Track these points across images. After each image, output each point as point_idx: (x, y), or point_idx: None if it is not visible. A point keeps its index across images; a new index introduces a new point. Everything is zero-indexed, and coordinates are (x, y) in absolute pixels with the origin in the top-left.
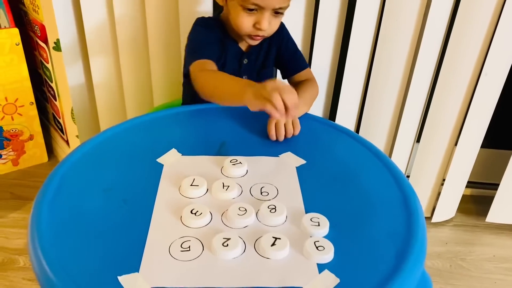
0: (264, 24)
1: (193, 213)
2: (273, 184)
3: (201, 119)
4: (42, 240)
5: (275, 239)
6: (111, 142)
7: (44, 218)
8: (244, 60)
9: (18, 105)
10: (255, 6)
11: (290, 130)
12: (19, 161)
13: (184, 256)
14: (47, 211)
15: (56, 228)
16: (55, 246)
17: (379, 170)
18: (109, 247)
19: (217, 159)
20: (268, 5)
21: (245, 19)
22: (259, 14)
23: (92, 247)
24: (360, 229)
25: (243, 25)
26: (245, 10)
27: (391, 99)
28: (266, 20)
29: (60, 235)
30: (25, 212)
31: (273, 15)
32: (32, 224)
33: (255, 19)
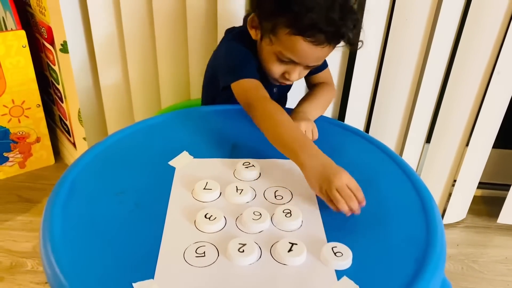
0: (293, 77)
1: (207, 218)
2: (287, 187)
3: (212, 121)
4: (55, 245)
5: (291, 245)
6: (121, 145)
7: (56, 222)
8: (274, 89)
9: (25, 107)
10: (290, 60)
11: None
12: (26, 163)
13: (199, 262)
14: (59, 215)
15: (68, 233)
16: (68, 251)
17: (394, 173)
18: (122, 253)
19: (229, 161)
20: (303, 63)
21: (276, 66)
22: (291, 65)
23: (105, 252)
24: (378, 234)
25: (273, 71)
26: (279, 59)
27: (401, 98)
28: (297, 73)
29: (73, 240)
30: (32, 215)
31: (305, 68)
32: (44, 228)
33: (286, 69)
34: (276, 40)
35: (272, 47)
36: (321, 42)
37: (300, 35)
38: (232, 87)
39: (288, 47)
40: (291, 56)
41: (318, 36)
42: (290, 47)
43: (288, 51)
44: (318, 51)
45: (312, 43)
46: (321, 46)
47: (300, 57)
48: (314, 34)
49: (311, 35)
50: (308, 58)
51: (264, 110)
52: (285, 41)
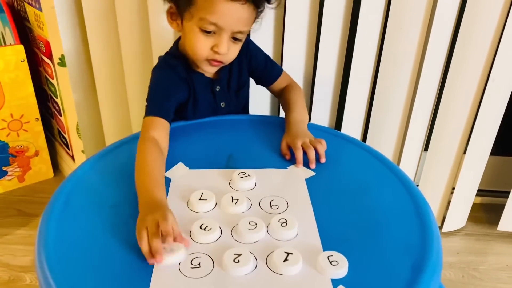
0: (222, 47)
1: (202, 229)
2: (283, 197)
3: (207, 132)
4: (49, 258)
5: (287, 254)
6: (117, 157)
7: (51, 235)
8: (216, 87)
9: (23, 121)
10: (214, 28)
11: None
12: (25, 177)
13: (195, 273)
14: (54, 228)
15: (63, 246)
16: (62, 264)
17: (390, 181)
18: (117, 265)
19: (225, 172)
20: (228, 26)
21: (202, 41)
22: (217, 36)
23: (100, 265)
24: (374, 242)
25: (200, 47)
26: (203, 32)
27: (398, 107)
28: (225, 43)
29: (67, 252)
30: (31, 228)
31: (231, 40)
32: (39, 241)
33: (213, 42)
34: (195, 10)
35: (193, 20)
36: None
37: None
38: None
39: (208, 9)
40: (212, 18)
41: None
42: (209, 8)
43: (208, 13)
44: (237, 8)
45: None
46: (239, 2)
47: (221, 17)
48: None
49: None
50: (229, 18)
51: (139, 149)
52: (203, 5)
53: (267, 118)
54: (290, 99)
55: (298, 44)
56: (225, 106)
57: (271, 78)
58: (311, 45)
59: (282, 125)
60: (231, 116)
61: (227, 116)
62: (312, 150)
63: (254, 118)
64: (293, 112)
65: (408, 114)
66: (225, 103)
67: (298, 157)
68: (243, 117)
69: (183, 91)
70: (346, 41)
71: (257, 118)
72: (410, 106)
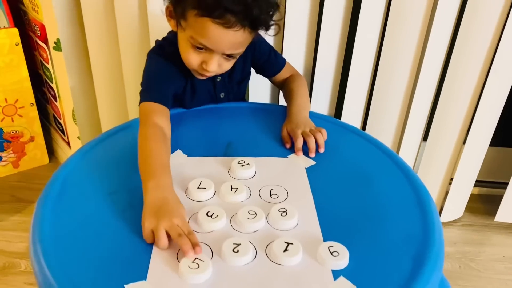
0: (211, 66)
1: (209, 216)
2: (283, 186)
3: (206, 119)
4: (44, 246)
5: (287, 244)
6: (114, 144)
7: (46, 223)
8: (217, 78)
9: (18, 106)
10: (204, 47)
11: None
12: (20, 163)
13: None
14: (49, 215)
15: (58, 234)
16: (58, 252)
17: (391, 170)
18: (114, 254)
19: (224, 160)
20: (219, 49)
21: (192, 55)
22: (207, 54)
23: (96, 254)
24: (375, 232)
25: (190, 60)
26: (193, 46)
27: (398, 96)
28: (215, 62)
29: (63, 240)
30: (26, 215)
31: (224, 58)
32: (34, 229)
33: (203, 58)
34: (186, 25)
35: (184, 33)
36: (232, 23)
37: (208, 16)
38: (139, 107)
39: (198, 31)
40: (202, 41)
41: (228, 17)
42: (200, 30)
43: (198, 36)
44: (230, 35)
45: (222, 25)
46: (233, 30)
47: (212, 42)
48: (223, 15)
49: (220, 16)
50: (221, 43)
51: (142, 135)
52: (194, 25)
53: (267, 106)
54: (292, 88)
55: (298, 32)
56: (224, 97)
57: (275, 69)
58: (311, 34)
59: (283, 113)
60: (230, 104)
61: (226, 104)
62: (312, 139)
63: (254, 105)
64: (295, 100)
65: (408, 103)
66: (224, 94)
67: (297, 145)
68: (242, 105)
69: (180, 81)
70: (347, 30)
71: (257, 106)
72: (411, 96)
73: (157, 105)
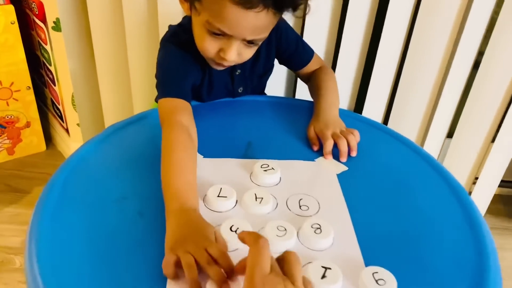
0: (230, 55)
1: (233, 231)
2: (313, 195)
3: (222, 115)
4: (42, 265)
5: (325, 270)
6: (121, 140)
7: (44, 235)
8: (237, 71)
9: (13, 89)
10: (221, 32)
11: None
12: (15, 149)
13: None
14: (47, 227)
15: (58, 249)
16: (56, 272)
17: (433, 180)
18: (123, 273)
19: (244, 163)
20: (239, 35)
21: (208, 43)
22: (225, 40)
23: (102, 272)
24: (422, 255)
25: (206, 49)
26: (210, 32)
27: (425, 91)
28: (234, 50)
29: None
30: (21, 206)
31: (245, 44)
32: (30, 243)
33: (221, 45)
34: (201, 8)
35: (199, 17)
36: (253, 3)
37: None
38: (158, 104)
39: (215, 14)
40: (220, 26)
41: None
42: (217, 13)
43: (215, 19)
44: (252, 18)
45: (242, 5)
46: (255, 10)
47: (230, 26)
48: None
49: None
50: (241, 27)
51: (166, 140)
52: (210, 7)
53: (290, 101)
54: (321, 82)
55: (321, 22)
56: (242, 91)
57: (302, 61)
58: (334, 22)
59: (308, 110)
60: (248, 97)
61: (244, 97)
62: (344, 142)
63: (274, 100)
64: (324, 97)
65: (435, 98)
66: (243, 88)
67: (327, 148)
68: (263, 99)
69: (198, 72)
70: (374, 19)
71: (280, 101)
72: (438, 91)
73: (178, 101)
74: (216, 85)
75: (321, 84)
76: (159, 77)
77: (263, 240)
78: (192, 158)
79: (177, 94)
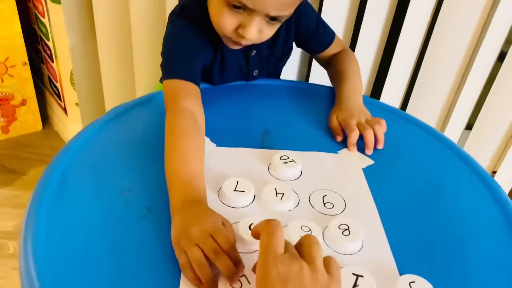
0: (250, 32)
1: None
2: (338, 192)
3: (237, 99)
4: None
5: (356, 277)
6: (125, 125)
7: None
8: (252, 52)
9: (8, 65)
10: (242, 5)
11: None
12: (10, 128)
13: None
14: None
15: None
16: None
17: (466, 177)
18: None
19: (261, 153)
20: (262, 10)
21: (225, 17)
22: (246, 15)
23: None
24: (460, 261)
25: (222, 24)
26: (228, 5)
27: (446, 80)
28: (255, 27)
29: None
30: (16, 188)
31: (267, 21)
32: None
33: (240, 21)
34: None
35: None
36: None
37: None
38: (163, 85)
39: None
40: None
41: None
42: None
43: None
44: None
45: None
46: None
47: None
48: None
49: None
50: (265, 1)
51: (170, 127)
52: None
53: (310, 86)
54: (343, 67)
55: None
56: (257, 75)
57: (322, 44)
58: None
59: (329, 96)
60: (263, 81)
61: (259, 81)
62: (370, 133)
63: (291, 84)
64: (346, 83)
65: (457, 89)
66: (258, 71)
67: (352, 139)
68: (280, 83)
69: (209, 52)
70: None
71: (297, 85)
72: (460, 81)
73: (185, 83)
74: (228, 67)
75: (344, 68)
76: (165, 55)
77: (275, 220)
78: (197, 146)
79: (185, 75)
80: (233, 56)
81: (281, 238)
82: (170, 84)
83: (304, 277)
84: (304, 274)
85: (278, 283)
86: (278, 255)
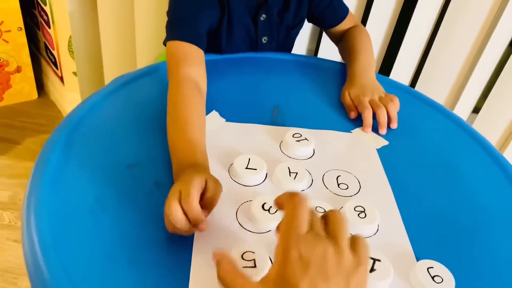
0: None
1: (265, 210)
2: (352, 172)
3: (246, 72)
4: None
5: (373, 261)
6: (130, 95)
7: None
8: (261, 16)
9: (3, 29)
10: None
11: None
12: (4, 96)
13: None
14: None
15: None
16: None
17: (482, 161)
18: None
19: (273, 130)
20: None
21: None
22: None
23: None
24: (478, 248)
25: None
26: None
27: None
28: None
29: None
30: (10, 157)
31: None
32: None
33: None
34: None
35: None
36: None
37: None
38: (166, 47)
39: None
40: None
41: None
42: None
43: None
44: None
45: None
46: None
47: None
48: None
49: None
50: None
51: (172, 93)
52: None
53: (321, 62)
54: (355, 42)
55: None
56: (267, 42)
57: (336, 19)
58: None
59: (341, 72)
60: (273, 54)
61: (268, 53)
62: (383, 112)
63: (302, 59)
64: (359, 58)
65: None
66: (267, 38)
67: (366, 119)
68: (290, 57)
69: (215, 10)
70: None
71: (308, 61)
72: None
73: (189, 46)
74: (236, 30)
75: (356, 44)
76: (171, 13)
77: (300, 195)
78: (198, 114)
79: (189, 37)
80: (241, 18)
81: (305, 215)
82: (174, 46)
83: (328, 261)
84: (328, 258)
85: (298, 268)
86: (301, 234)
